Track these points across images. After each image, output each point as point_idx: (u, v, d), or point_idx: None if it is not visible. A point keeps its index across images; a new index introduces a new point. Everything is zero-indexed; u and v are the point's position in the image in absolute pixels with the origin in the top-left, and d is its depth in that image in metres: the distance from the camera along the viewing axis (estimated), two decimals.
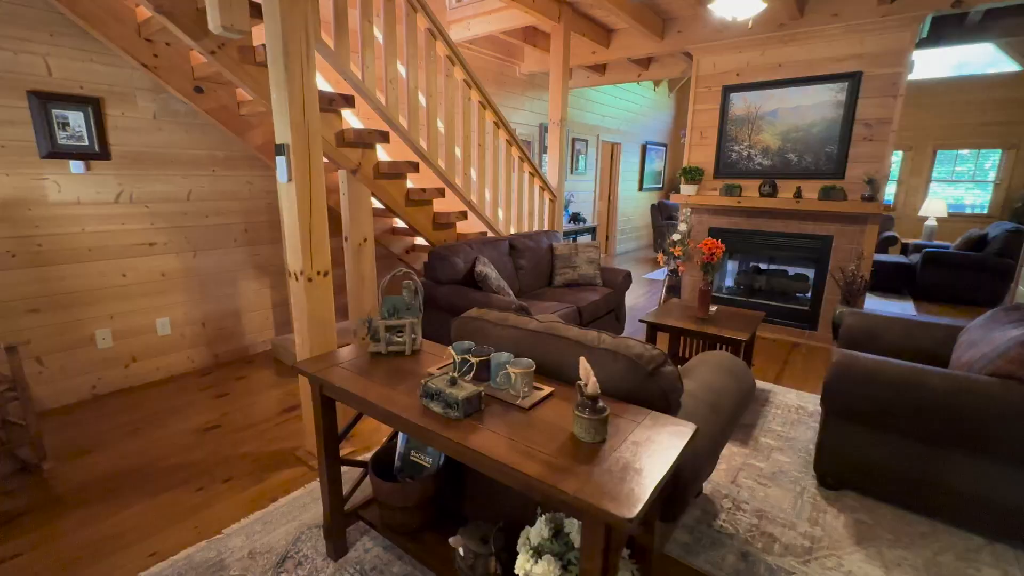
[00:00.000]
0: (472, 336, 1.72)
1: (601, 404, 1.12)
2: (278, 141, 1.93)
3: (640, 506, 0.90)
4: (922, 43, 3.89)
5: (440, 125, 3.44)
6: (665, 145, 9.15)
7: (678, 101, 9.32)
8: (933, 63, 6.88)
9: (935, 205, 6.73)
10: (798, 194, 3.95)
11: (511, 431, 1.17)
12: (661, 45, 4.43)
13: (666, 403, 1.35)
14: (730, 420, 1.60)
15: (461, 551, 1.40)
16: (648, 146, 8.48)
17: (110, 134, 2.75)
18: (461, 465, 1.68)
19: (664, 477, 1.00)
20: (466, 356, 1.41)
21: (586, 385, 1.12)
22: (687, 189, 4.46)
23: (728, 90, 4.21)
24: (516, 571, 1.23)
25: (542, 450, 1.09)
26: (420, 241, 3.84)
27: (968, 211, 7.33)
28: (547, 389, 1.36)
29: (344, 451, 2.33)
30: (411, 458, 1.72)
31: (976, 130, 6.98)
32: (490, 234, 3.90)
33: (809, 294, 4.20)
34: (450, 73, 3.26)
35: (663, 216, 8.16)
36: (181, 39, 2.52)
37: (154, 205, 2.97)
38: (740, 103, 4.17)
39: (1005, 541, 1.81)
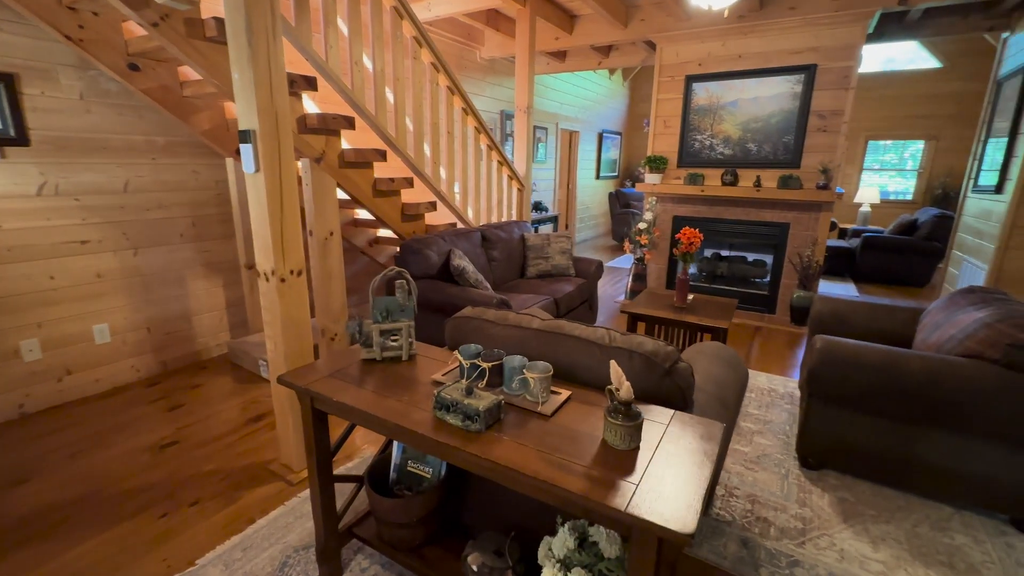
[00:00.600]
0: (469, 337, 1.63)
1: (635, 409, 1.07)
2: (242, 127, 1.73)
3: (697, 518, 0.86)
4: (868, 38, 4.08)
5: (408, 111, 3.25)
6: (620, 134, 9.26)
7: (632, 90, 9.43)
8: (865, 59, 7.31)
9: (868, 192, 7.21)
10: (758, 183, 4.08)
11: (538, 441, 1.10)
12: (625, 32, 4.41)
13: (683, 401, 1.32)
14: (735, 413, 1.60)
15: (476, 567, 1.32)
16: (604, 134, 8.54)
17: (28, 116, 2.40)
18: (464, 473, 1.59)
19: (709, 483, 0.96)
20: (476, 361, 1.32)
21: (618, 390, 1.07)
22: (652, 178, 4.51)
23: (691, 80, 4.26)
24: None
25: (577, 461, 1.03)
26: (384, 233, 3.65)
27: (893, 197, 7.90)
28: (564, 393, 1.30)
29: None
30: (409, 469, 1.61)
31: (902, 122, 7.51)
32: (460, 225, 3.78)
33: (767, 279, 4.38)
34: (417, 55, 3.09)
35: (620, 204, 8.27)
36: (114, 8, 2.23)
37: (85, 198, 2.63)
38: (702, 93, 4.24)
39: (971, 509, 1.95)
